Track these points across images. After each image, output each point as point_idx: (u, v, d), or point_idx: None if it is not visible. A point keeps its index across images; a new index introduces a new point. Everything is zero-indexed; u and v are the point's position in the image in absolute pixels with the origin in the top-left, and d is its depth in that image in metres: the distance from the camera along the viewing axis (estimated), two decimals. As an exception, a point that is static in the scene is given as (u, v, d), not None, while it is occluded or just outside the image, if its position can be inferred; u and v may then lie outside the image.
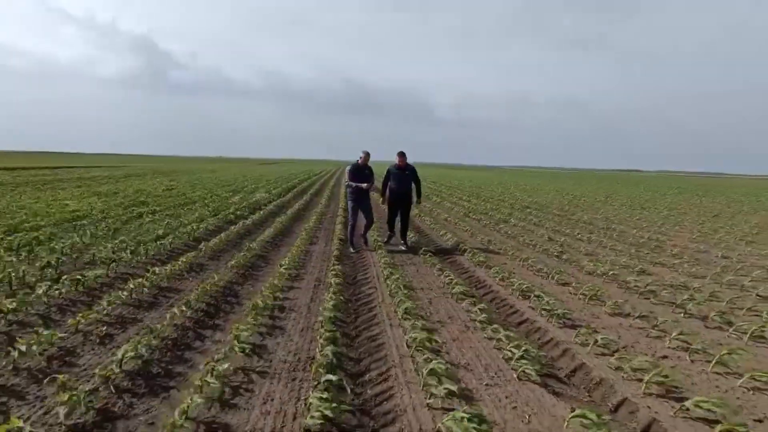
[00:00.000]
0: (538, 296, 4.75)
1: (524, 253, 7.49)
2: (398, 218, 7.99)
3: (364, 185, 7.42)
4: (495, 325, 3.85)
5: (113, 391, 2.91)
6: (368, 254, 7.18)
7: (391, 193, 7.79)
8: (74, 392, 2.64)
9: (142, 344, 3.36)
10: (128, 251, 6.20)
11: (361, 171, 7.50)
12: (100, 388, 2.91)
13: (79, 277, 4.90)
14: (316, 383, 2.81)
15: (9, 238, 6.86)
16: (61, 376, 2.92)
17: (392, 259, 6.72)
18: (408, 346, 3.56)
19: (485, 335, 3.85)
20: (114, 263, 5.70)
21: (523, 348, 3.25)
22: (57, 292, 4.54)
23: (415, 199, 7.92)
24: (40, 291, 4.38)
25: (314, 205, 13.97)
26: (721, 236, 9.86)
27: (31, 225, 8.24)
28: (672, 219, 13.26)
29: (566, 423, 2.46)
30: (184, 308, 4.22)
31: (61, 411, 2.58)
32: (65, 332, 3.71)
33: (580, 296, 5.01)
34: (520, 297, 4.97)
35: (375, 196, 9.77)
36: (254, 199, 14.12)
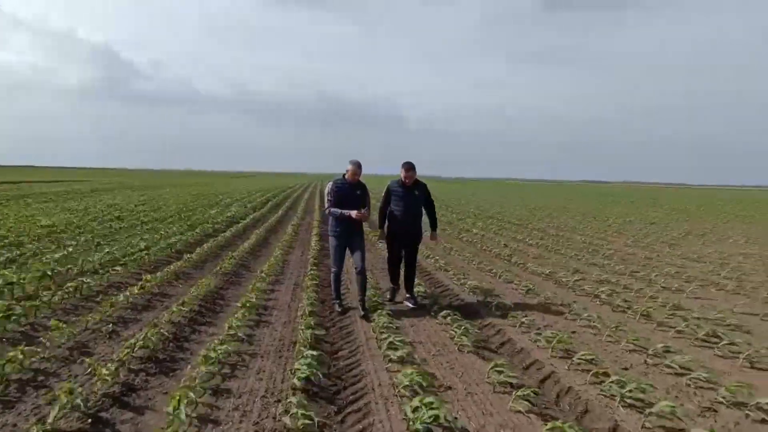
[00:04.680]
0: (484, 292, 5.66)
1: (479, 257, 8.44)
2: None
3: (354, 213, 4.84)
4: (445, 312, 4.71)
5: (130, 371, 3.57)
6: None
7: (392, 223, 5.30)
8: (103, 369, 3.30)
9: (148, 337, 4.02)
10: (120, 263, 6.76)
11: (350, 191, 4.96)
12: (120, 369, 3.57)
13: (77, 285, 5.47)
14: (299, 356, 3.56)
15: (-5, 253, 7.26)
16: (88, 359, 3.58)
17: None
18: (373, 331, 4.36)
19: (437, 321, 4.71)
20: (107, 273, 6.27)
21: (463, 327, 4.11)
22: (59, 298, 5.10)
23: (426, 231, 5.49)
24: (45, 298, 4.95)
25: (290, 218, 14.63)
26: (650, 240, 11.18)
27: (10, 241, 8.58)
28: (615, 226, 14.66)
29: (488, 374, 3.32)
30: (179, 309, 4.89)
31: (96, 383, 3.24)
32: (78, 330, 4.31)
33: (520, 291, 5.94)
34: (470, 293, 5.86)
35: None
36: (230, 213, 14.65)
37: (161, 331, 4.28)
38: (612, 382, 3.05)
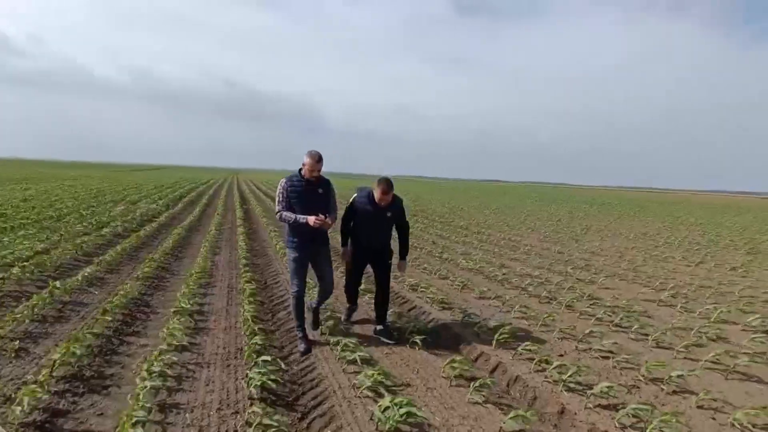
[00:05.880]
0: (423, 288, 5.87)
1: (412, 254, 8.69)
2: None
3: (311, 219, 3.77)
4: (389, 310, 4.80)
5: (52, 393, 3.15)
6: (276, 264, 7.67)
7: (357, 243, 4.41)
8: (16, 395, 2.88)
9: (69, 352, 3.57)
10: (16, 268, 5.87)
11: (308, 190, 3.93)
12: (39, 392, 3.13)
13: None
14: (252, 364, 3.41)
15: None
16: (-6, 384, 3.09)
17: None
18: (322, 333, 4.31)
19: (383, 320, 4.78)
20: (1, 281, 5.42)
21: (411, 324, 4.23)
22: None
23: (395, 259, 4.58)
24: None
25: (210, 216, 13.79)
26: (560, 237, 12.39)
27: None
28: (527, 223, 15.98)
29: (443, 369, 3.47)
30: (101, 318, 4.40)
31: (10, 412, 2.81)
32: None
33: (456, 286, 6.25)
34: (410, 290, 6.03)
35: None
36: (141, 210, 13.42)
37: (83, 345, 3.83)
38: (554, 368, 3.36)
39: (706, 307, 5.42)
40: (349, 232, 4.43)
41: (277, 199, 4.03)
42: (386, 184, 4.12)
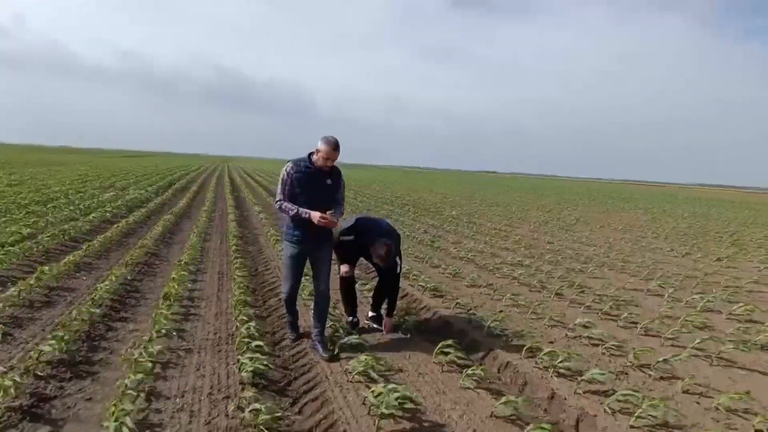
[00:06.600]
0: (415, 276, 5.88)
1: (404, 244, 8.70)
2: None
3: (316, 216, 3.34)
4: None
5: (38, 378, 3.11)
6: (267, 251, 7.63)
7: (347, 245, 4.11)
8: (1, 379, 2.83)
9: (56, 337, 3.52)
10: (2, 253, 5.77)
11: (317, 180, 3.47)
12: (25, 377, 3.09)
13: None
14: (244, 349, 3.39)
15: None
16: (-22, 368, 3.04)
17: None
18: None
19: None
20: (-15, 265, 5.33)
21: (404, 312, 4.24)
22: None
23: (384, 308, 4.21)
24: None
25: (200, 203, 13.65)
26: (550, 227, 12.49)
27: None
28: (517, 214, 16.08)
29: (435, 355, 3.48)
30: (89, 304, 4.34)
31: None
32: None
33: (447, 274, 6.27)
34: (403, 278, 6.02)
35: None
36: (130, 197, 13.23)
37: (71, 330, 3.78)
38: (544, 355, 3.40)
39: (693, 297, 5.51)
40: (342, 247, 4.11)
41: (278, 186, 3.53)
42: (387, 252, 3.72)
